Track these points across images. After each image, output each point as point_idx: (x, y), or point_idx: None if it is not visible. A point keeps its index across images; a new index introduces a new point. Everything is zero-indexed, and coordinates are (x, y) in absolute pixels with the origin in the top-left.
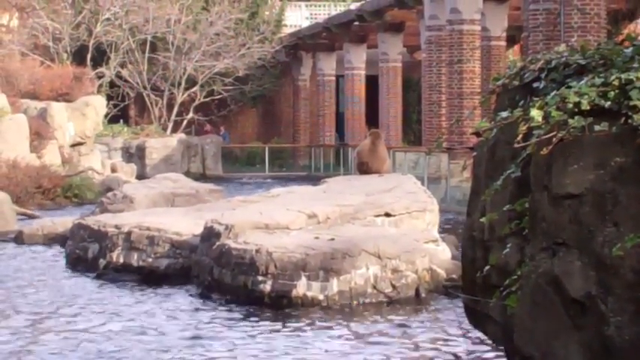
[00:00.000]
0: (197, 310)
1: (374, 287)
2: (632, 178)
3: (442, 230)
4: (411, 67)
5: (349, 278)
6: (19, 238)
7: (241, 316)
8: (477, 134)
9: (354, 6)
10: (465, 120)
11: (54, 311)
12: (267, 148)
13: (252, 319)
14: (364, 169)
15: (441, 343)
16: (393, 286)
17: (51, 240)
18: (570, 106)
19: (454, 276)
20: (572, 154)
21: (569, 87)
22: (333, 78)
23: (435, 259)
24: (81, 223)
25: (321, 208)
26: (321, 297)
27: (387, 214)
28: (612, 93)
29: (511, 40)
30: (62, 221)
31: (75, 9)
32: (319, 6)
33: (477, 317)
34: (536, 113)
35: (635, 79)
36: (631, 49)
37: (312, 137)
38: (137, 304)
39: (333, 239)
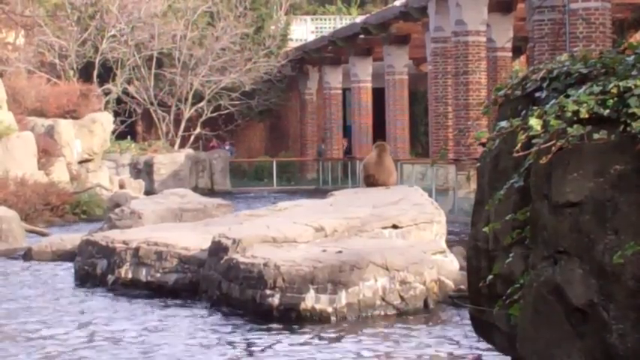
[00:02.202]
0: (206, 324)
1: (382, 299)
2: (631, 186)
3: (450, 241)
4: (417, 79)
5: (357, 290)
6: (27, 255)
7: (250, 330)
8: (483, 145)
9: (359, 19)
10: (470, 131)
11: (63, 327)
12: (274, 162)
13: (261, 332)
14: (371, 181)
15: (448, 354)
16: (402, 298)
17: (60, 257)
18: (569, 114)
19: (462, 286)
20: (572, 163)
21: (568, 96)
22: (340, 91)
23: (443, 270)
24: (89, 239)
25: (328, 221)
26: (329, 310)
27: (395, 226)
28: (611, 101)
29: (517, 51)
30: (71, 238)
31: (80, 26)
32: (324, 20)
33: (483, 327)
34: (535, 122)
35: (633, 86)
36: (632, 57)
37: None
38: (146, 319)
39: (340, 252)
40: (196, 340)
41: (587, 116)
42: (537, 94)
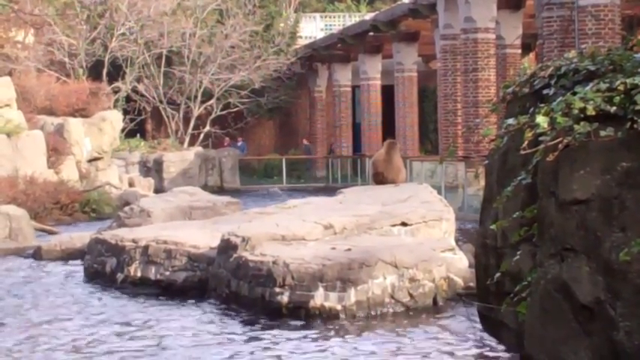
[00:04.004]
0: (215, 322)
1: (391, 297)
2: (638, 183)
3: (460, 239)
4: (426, 76)
5: (366, 288)
6: (37, 254)
7: (259, 328)
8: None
9: (368, 16)
10: (479, 128)
11: (71, 325)
12: (284, 160)
13: (270, 330)
14: (380, 179)
15: (456, 351)
16: (411, 295)
17: (69, 255)
18: (576, 112)
19: (471, 284)
20: (579, 160)
21: (575, 93)
22: (349, 89)
23: (452, 268)
24: (98, 237)
25: (337, 218)
26: (338, 307)
27: (404, 224)
28: (618, 98)
29: (526, 48)
30: (80, 236)
31: (90, 24)
32: (334, 17)
33: (491, 324)
34: (541, 120)
35: None
36: None
37: (328, 148)
38: (155, 318)
39: (349, 249)
40: (205, 338)
41: (593, 113)
42: (545, 92)
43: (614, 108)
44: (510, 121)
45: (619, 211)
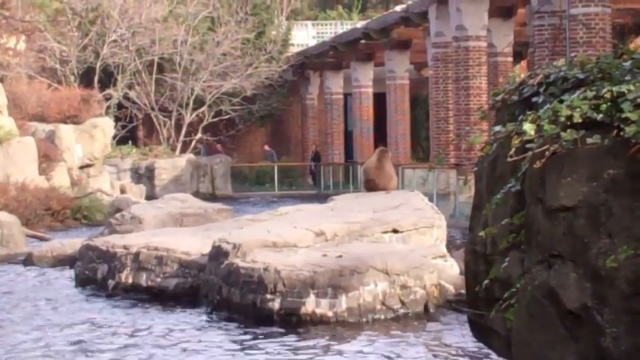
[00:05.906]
0: (206, 329)
1: (382, 303)
2: (625, 190)
3: (451, 246)
4: (418, 83)
5: (358, 295)
6: (28, 260)
7: (250, 335)
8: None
9: (360, 24)
10: (469, 135)
11: (62, 331)
12: (276, 167)
13: (261, 337)
14: (371, 186)
15: (446, 357)
16: (402, 302)
17: (60, 262)
18: (563, 119)
19: (463, 291)
20: (566, 167)
21: (562, 100)
22: (341, 96)
23: (444, 275)
24: (89, 244)
25: (328, 225)
26: (329, 314)
27: (395, 231)
28: (604, 106)
29: (518, 56)
30: (71, 243)
31: (81, 31)
32: (326, 25)
33: (481, 331)
34: (528, 127)
35: (626, 91)
36: (629, 62)
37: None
38: (146, 324)
39: (341, 256)
40: (196, 345)
41: (580, 121)
42: (534, 99)
43: (601, 115)
44: (498, 128)
45: (606, 218)
